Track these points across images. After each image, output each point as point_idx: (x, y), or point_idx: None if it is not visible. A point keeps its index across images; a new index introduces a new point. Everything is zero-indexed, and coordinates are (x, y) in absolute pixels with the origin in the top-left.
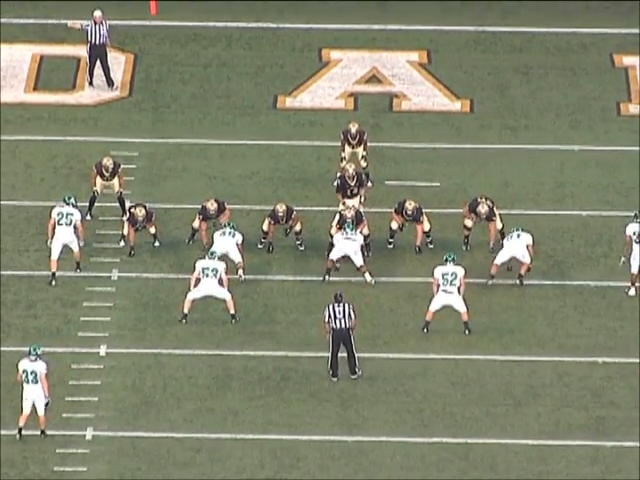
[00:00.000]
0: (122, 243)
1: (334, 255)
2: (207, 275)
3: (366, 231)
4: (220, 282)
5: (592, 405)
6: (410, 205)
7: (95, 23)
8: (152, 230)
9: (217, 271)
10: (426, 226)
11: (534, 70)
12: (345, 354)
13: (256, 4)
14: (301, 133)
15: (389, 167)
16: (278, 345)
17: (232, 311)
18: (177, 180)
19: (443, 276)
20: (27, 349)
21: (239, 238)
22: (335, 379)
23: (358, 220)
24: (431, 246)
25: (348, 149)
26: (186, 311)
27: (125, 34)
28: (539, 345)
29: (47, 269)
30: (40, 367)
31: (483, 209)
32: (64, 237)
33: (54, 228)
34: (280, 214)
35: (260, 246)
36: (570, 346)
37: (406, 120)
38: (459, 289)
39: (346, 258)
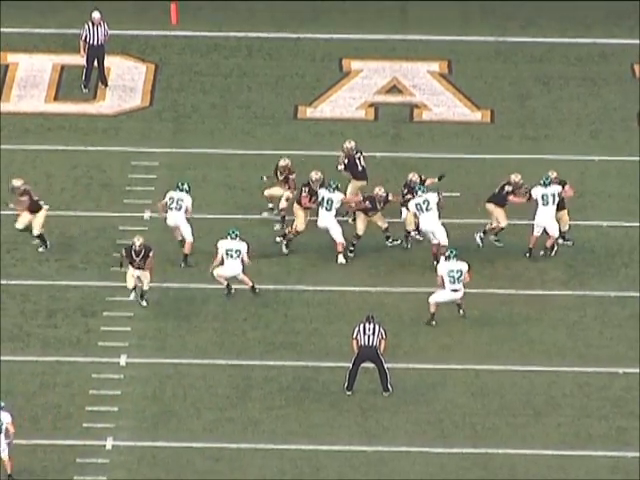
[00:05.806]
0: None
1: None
2: (231, 256)
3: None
4: (242, 263)
5: (612, 415)
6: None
7: (93, 24)
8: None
9: (240, 252)
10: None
11: (554, 80)
12: (366, 368)
13: (277, 14)
14: (321, 143)
15: None
16: (298, 355)
17: (250, 284)
18: (197, 190)
19: (449, 274)
20: (47, 359)
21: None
22: (349, 393)
23: (386, 200)
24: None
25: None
26: (224, 283)
27: (146, 44)
28: (559, 355)
29: (66, 279)
30: (6, 418)
31: (517, 178)
32: (172, 220)
33: (164, 208)
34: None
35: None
36: (590, 356)
37: (426, 130)
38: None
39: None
